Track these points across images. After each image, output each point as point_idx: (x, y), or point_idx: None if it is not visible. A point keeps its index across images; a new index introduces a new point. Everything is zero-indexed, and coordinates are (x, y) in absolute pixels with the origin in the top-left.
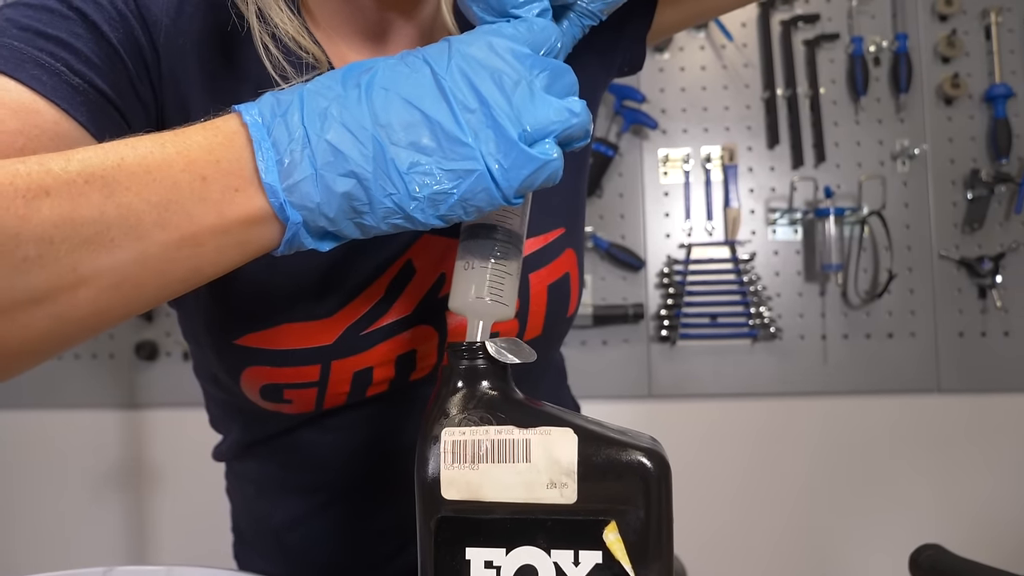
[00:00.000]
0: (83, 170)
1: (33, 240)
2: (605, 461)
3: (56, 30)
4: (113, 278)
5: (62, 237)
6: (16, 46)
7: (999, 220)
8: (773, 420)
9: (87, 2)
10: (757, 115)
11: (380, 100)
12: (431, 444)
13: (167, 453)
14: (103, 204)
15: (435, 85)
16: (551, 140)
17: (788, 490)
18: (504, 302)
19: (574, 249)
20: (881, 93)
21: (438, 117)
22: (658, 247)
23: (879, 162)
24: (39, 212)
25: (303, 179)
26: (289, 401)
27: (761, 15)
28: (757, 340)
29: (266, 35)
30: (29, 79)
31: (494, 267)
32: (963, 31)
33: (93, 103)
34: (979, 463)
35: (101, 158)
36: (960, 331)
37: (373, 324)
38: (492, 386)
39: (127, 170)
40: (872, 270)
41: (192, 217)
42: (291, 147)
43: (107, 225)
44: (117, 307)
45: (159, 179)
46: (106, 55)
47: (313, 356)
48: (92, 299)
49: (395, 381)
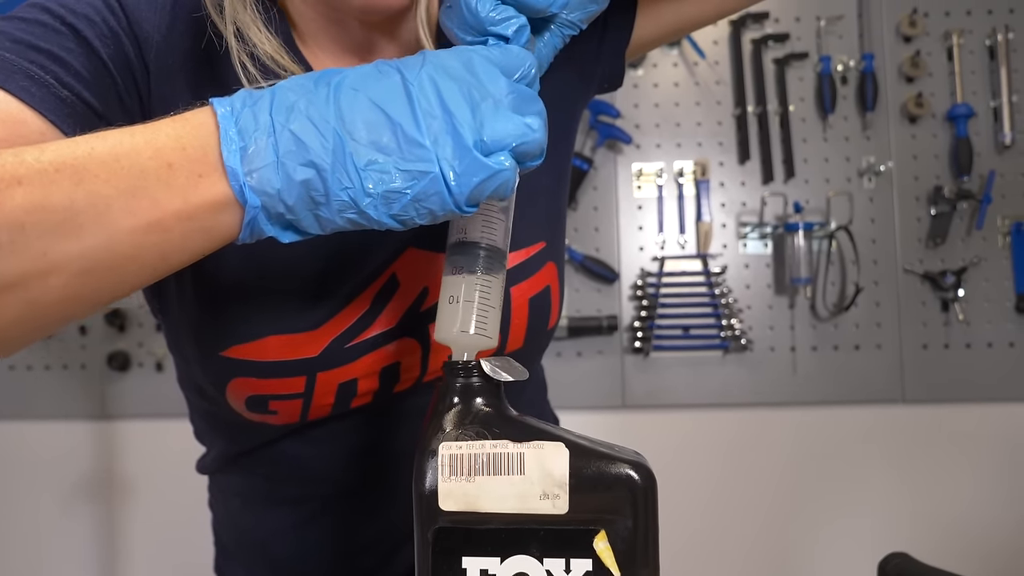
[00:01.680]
0: (55, 160)
1: (5, 226)
2: (595, 473)
3: (48, 43)
4: (83, 264)
5: (32, 223)
6: (7, 57)
7: (961, 235)
8: (744, 430)
9: (79, 18)
10: (728, 131)
11: (347, 98)
12: (429, 458)
13: (139, 464)
14: (73, 191)
15: (403, 89)
16: (506, 152)
17: (759, 499)
18: (487, 335)
19: (555, 262)
20: (848, 111)
21: (400, 119)
22: (632, 260)
23: (846, 178)
24: (12, 199)
25: (265, 166)
26: (274, 412)
27: (732, 34)
28: (728, 352)
29: (244, 54)
30: (18, 90)
31: (478, 301)
32: (927, 52)
33: (80, 115)
34: (943, 472)
35: (72, 148)
36: (924, 343)
37: (358, 337)
38: (486, 403)
39: (97, 159)
40: (840, 283)
41: (158, 203)
42: (256, 135)
43: (76, 212)
44: (87, 293)
45: (127, 167)
46: (95, 69)
47: (299, 368)
48: (63, 285)
49: (379, 393)
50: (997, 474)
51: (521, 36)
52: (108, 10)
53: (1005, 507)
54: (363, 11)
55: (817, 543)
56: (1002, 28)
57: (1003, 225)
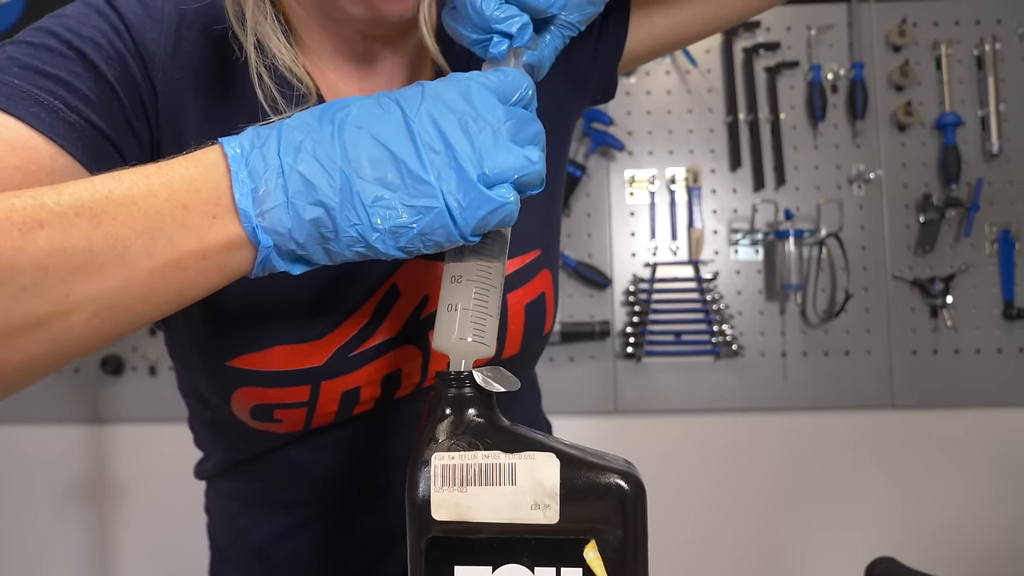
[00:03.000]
0: (74, 203)
1: (29, 269)
2: (585, 484)
3: (55, 68)
4: (103, 303)
5: (55, 266)
6: (16, 84)
7: (950, 243)
8: (735, 435)
9: (86, 41)
10: (720, 138)
11: (351, 137)
12: (421, 468)
13: (132, 469)
14: (92, 234)
15: (404, 126)
16: (508, 185)
17: (749, 504)
18: (485, 342)
19: (550, 270)
20: (838, 119)
21: (404, 156)
22: (624, 266)
23: (836, 186)
24: (34, 243)
25: (275, 206)
26: (279, 420)
27: (724, 42)
28: (720, 357)
29: (262, 65)
30: (28, 116)
31: (475, 309)
32: (915, 61)
33: (89, 139)
34: (932, 477)
35: (90, 191)
36: (913, 349)
37: (361, 345)
38: (479, 413)
39: (114, 201)
40: (830, 290)
41: (174, 243)
42: (266, 176)
43: (96, 254)
44: (107, 329)
45: (144, 209)
46: (103, 93)
47: (304, 377)
48: (84, 323)
49: (380, 400)
50: (986, 479)
51: (524, 34)
52: (114, 32)
53: (993, 512)
54: (368, 24)
55: (807, 548)
56: (989, 38)
57: (991, 232)
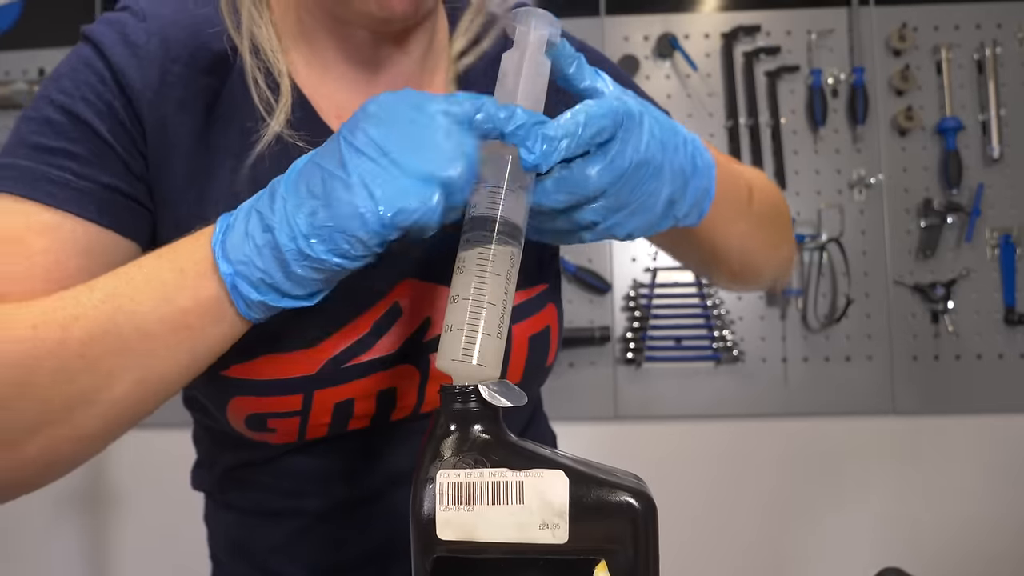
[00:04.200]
0: (103, 295)
1: (73, 356)
2: (595, 502)
3: (57, 141)
4: (138, 372)
5: (92, 349)
6: (28, 166)
7: (951, 248)
8: (736, 441)
9: (78, 102)
10: (720, 143)
11: (300, 163)
12: (426, 485)
13: (129, 475)
14: (116, 316)
15: (336, 140)
16: (434, 184)
17: (750, 510)
18: (487, 364)
19: (555, 304)
20: (839, 124)
21: (328, 164)
22: (624, 271)
23: (837, 190)
24: (73, 334)
25: (236, 240)
26: (273, 430)
27: (724, 46)
28: (720, 363)
29: (257, 70)
30: (44, 196)
31: (483, 331)
32: (916, 66)
33: (100, 199)
34: (934, 483)
35: (115, 281)
36: (914, 355)
37: (355, 359)
38: (485, 429)
39: (133, 284)
40: (831, 295)
41: (178, 305)
42: (235, 219)
43: (121, 332)
44: (149, 396)
45: (154, 282)
46: (100, 151)
47: (295, 385)
48: (127, 393)
49: (376, 418)
50: (989, 485)
51: None
52: (101, 83)
53: (997, 518)
54: (379, 22)
55: (809, 555)
56: (990, 43)
57: (992, 237)
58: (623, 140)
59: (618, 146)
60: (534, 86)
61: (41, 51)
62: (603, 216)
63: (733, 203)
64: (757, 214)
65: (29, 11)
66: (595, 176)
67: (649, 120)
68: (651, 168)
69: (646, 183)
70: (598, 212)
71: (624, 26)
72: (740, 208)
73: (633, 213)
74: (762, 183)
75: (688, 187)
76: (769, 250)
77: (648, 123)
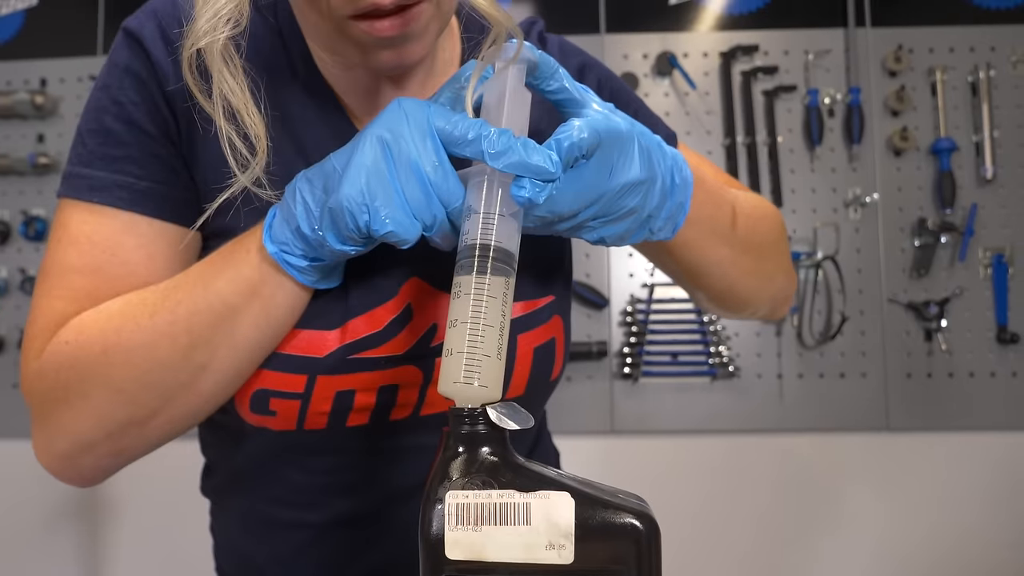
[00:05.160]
0: (194, 280)
1: (183, 333)
2: (600, 524)
3: (118, 148)
4: (230, 339)
5: (197, 326)
6: (102, 176)
7: (944, 267)
8: (731, 456)
9: (129, 105)
10: (718, 160)
11: (326, 160)
12: (435, 505)
13: (125, 482)
14: (208, 295)
15: (355, 147)
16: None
17: (745, 525)
18: (487, 384)
19: (562, 317)
20: (835, 143)
21: (339, 167)
22: (622, 286)
23: (833, 209)
24: (180, 316)
25: (280, 218)
26: (273, 413)
27: (723, 65)
28: (716, 378)
29: (234, 134)
30: (116, 201)
31: (483, 355)
32: (911, 87)
33: (160, 195)
34: (927, 500)
35: (200, 268)
36: (908, 372)
37: (365, 351)
38: (492, 451)
39: (215, 267)
40: (826, 312)
41: (247, 277)
42: (280, 204)
43: (212, 308)
44: (243, 361)
45: (229, 263)
46: (152, 151)
47: (302, 365)
48: (227, 358)
49: (375, 414)
50: (982, 502)
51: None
52: (146, 83)
53: (990, 534)
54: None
55: (804, 569)
56: (984, 65)
57: (984, 257)
58: (609, 158)
59: (604, 164)
60: (519, 117)
61: (43, 61)
62: (579, 222)
63: (711, 223)
64: (743, 240)
65: (31, 22)
66: (577, 195)
67: (637, 136)
68: (634, 185)
69: (627, 198)
70: (575, 221)
71: (624, 44)
72: (720, 230)
73: (608, 222)
74: (759, 211)
75: (666, 203)
76: (758, 280)
77: (636, 140)
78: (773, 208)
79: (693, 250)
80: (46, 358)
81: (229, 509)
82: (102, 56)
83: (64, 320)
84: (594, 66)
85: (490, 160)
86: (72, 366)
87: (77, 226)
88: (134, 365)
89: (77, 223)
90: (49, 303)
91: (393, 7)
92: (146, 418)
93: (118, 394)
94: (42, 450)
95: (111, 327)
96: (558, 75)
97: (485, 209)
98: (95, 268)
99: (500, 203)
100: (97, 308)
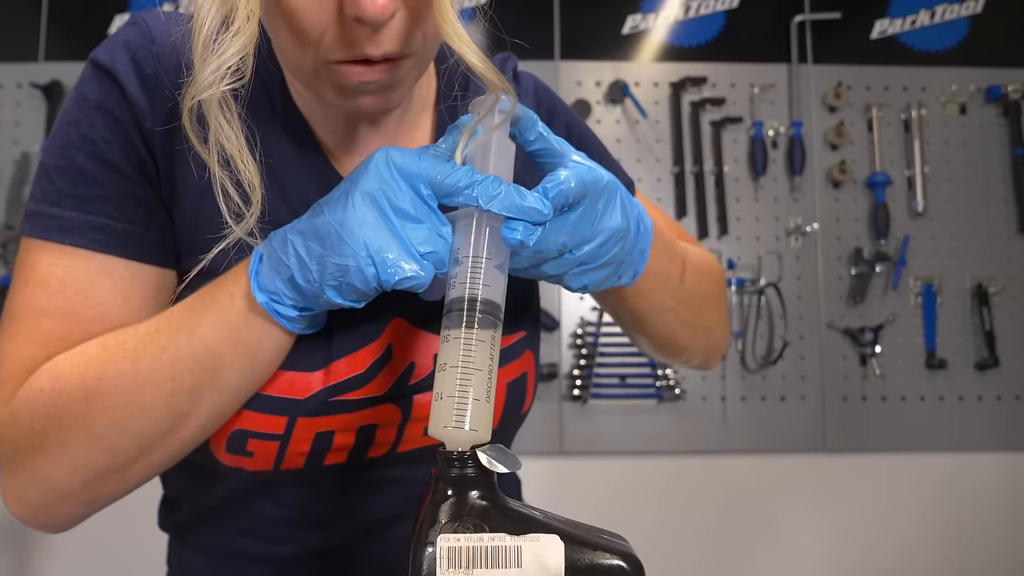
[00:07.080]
0: (177, 326)
1: (166, 380)
2: (589, 566)
3: (90, 188)
4: (214, 386)
5: (180, 373)
6: (73, 216)
7: (879, 294)
8: (677, 476)
9: (103, 143)
10: (667, 187)
11: (315, 214)
12: (426, 548)
13: None
14: (191, 342)
15: (342, 201)
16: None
17: (691, 543)
18: (477, 428)
19: (532, 351)
20: (778, 174)
21: (335, 222)
22: (572, 309)
23: (775, 237)
24: (163, 363)
25: (266, 273)
26: (250, 454)
27: (673, 95)
28: (663, 400)
29: (227, 181)
30: (91, 243)
31: (473, 399)
32: (849, 122)
33: (137, 237)
34: (862, 517)
35: (181, 313)
36: (844, 395)
37: (347, 394)
38: (482, 495)
39: (197, 314)
40: (768, 337)
41: (234, 325)
42: (266, 250)
43: (196, 355)
44: (226, 407)
45: (212, 310)
46: (128, 191)
47: (283, 406)
48: (211, 404)
49: (353, 452)
50: (913, 519)
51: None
52: (121, 121)
53: (920, 550)
54: (370, 114)
55: None
56: (916, 104)
57: (915, 286)
58: (594, 207)
59: (590, 213)
60: (504, 166)
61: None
62: (563, 269)
63: (664, 276)
64: (689, 293)
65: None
66: (565, 241)
67: (620, 187)
68: (616, 232)
69: (609, 245)
70: (560, 265)
71: (577, 71)
72: (670, 282)
73: (591, 270)
74: (706, 266)
75: (634, 249)
76: (697, 331)
77: (619, 191)
78: (717, 265)
79: (644, 298)
80: (18, 405)
81: (191, 545)
82: (44, 63)
83: (35, 365)
84: (563, 111)
85: (484, 203)
86: (50, 414)
87: (47, 267)
88: (116, 412)
89: (47, 264)
90: (18, 347)
91: (380, 58)
92: (125, 465)
93: (99, 441)
94: (13, 499)
95: (91, 374)
96: (537, 127)
97: (474, 253)
98: (67, 311)
99: (488, 247)
100: (72, 352)
